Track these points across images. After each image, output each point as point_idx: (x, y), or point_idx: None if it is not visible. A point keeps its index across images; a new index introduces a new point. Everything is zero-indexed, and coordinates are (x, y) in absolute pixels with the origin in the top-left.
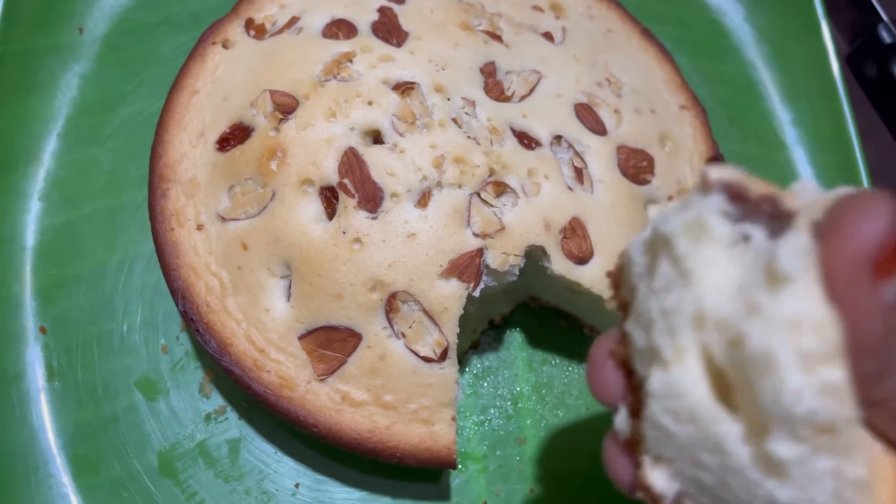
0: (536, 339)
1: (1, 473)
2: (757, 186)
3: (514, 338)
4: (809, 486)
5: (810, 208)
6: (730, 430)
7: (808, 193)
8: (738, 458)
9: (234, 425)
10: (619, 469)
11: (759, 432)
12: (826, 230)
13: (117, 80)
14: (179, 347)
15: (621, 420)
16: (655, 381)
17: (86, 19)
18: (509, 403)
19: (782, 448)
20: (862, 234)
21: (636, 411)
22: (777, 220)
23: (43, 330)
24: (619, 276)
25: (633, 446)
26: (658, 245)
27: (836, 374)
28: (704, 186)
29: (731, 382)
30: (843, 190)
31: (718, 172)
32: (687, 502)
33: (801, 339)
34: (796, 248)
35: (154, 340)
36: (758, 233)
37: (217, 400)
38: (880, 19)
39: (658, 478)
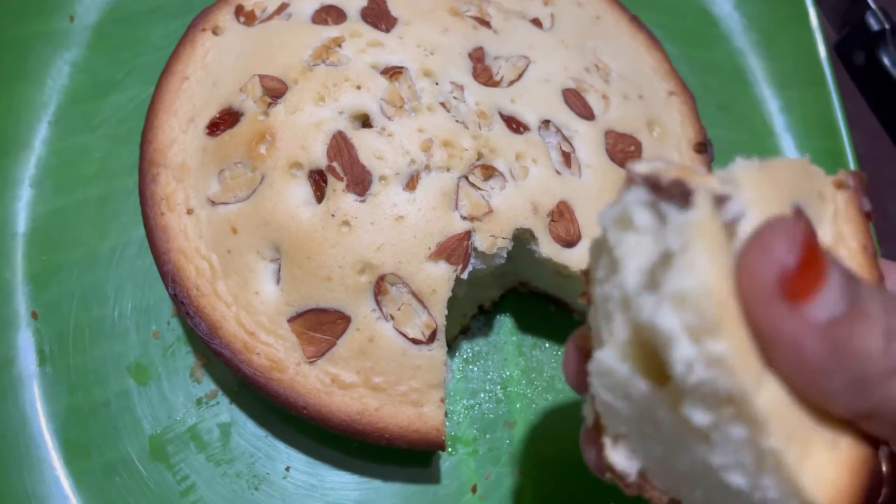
0: (526, 324)
1: None
2: (671, 173)
3: (504, 323)
4: (734, 452)
5: (713, 182)
6: (655, 400)
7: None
8: (669, 426)
9: (225, 409)
10: (590, 454)
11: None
12: (737, 269)
13: (108, 67)
14: (170, 333)
15: (586, 408)
16: (594, 360)
17: (76, 7)
18: (499, 388)
19: (696, 415)
20: (761, 268)
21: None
22: (686, 198)
23: (34, 315)
24: (589, 274)
25: (597, 431)
26: (601, 240)
27: (720, 346)
28: (628, 181)
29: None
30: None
31: (640, 167)
32: (650, 478)
33: (685, 314)
34: (679, 224)
35: (145, 326)
36: (672, 212)
37: (208, 384)
38: (868, 7)
39: (617, 456)
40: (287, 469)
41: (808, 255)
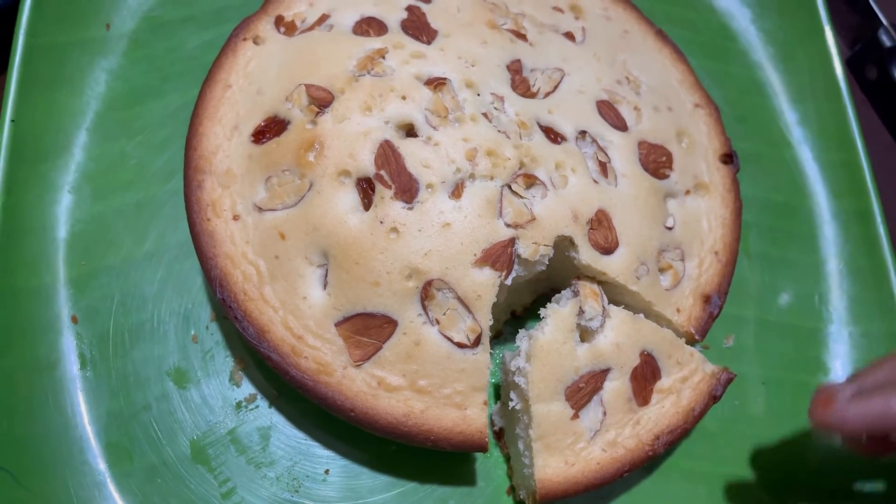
0: None
1: (36, 460)
2: None
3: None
4: None
5: None
6: None
7: None
8: None
9: (264, 413)
10: None
11: None
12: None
13: (144, 75)
14: (210, 337)
15: None
16: None
17: (113, 16)
18: None
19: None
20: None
21: None
22: None
23: (74, 319)
24: None
25: None
26: None
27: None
28: None
29: None
30: None
31: None
32: None
33: None
34: None
35: (184, 330)
36: None
37: (247, 388)
38: (881, 24)
39: None
40: (326, 472)
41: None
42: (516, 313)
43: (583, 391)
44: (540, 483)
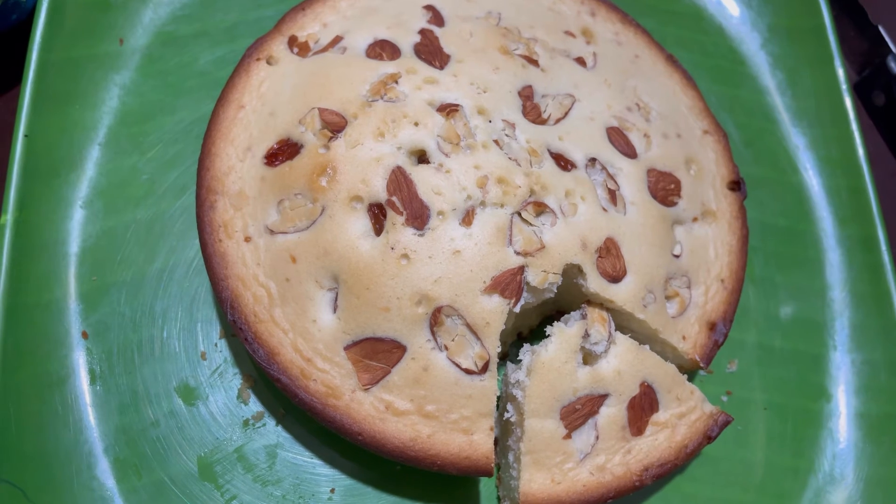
0: None
1: (45, 475)
2: None
3: None
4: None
5: None
6: None
7: None
8: None
9: (271, 431)
10: None
11: None
12: None
13: (157, 90)
14: (218, 354)
15: None
16: None
17: (126, 31)
18: None
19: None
20: None
21: None
22: None
23: (84, 335)
24: None
25: None
26: None
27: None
28: None
29: None
30: None
31: None
32: None
33: None
34: None
35: (193, 347)
36: None
37: (255, 406)
38: (889, 50)
39: None
40: (332, 491)
41: None
42: (522, 335)
43: (578, 413)
44: (523, 496)
